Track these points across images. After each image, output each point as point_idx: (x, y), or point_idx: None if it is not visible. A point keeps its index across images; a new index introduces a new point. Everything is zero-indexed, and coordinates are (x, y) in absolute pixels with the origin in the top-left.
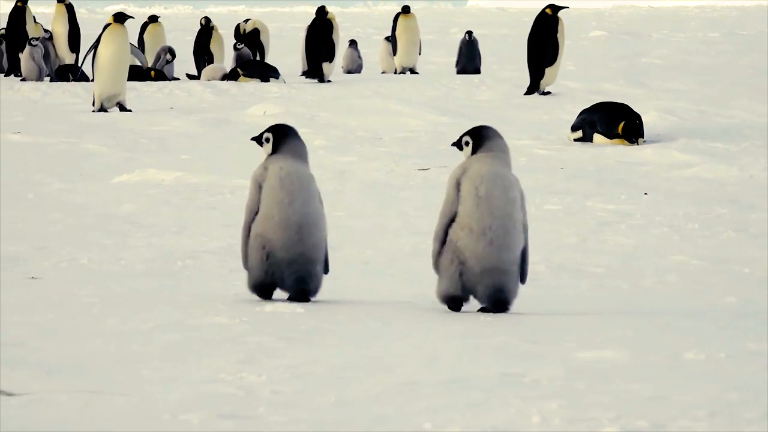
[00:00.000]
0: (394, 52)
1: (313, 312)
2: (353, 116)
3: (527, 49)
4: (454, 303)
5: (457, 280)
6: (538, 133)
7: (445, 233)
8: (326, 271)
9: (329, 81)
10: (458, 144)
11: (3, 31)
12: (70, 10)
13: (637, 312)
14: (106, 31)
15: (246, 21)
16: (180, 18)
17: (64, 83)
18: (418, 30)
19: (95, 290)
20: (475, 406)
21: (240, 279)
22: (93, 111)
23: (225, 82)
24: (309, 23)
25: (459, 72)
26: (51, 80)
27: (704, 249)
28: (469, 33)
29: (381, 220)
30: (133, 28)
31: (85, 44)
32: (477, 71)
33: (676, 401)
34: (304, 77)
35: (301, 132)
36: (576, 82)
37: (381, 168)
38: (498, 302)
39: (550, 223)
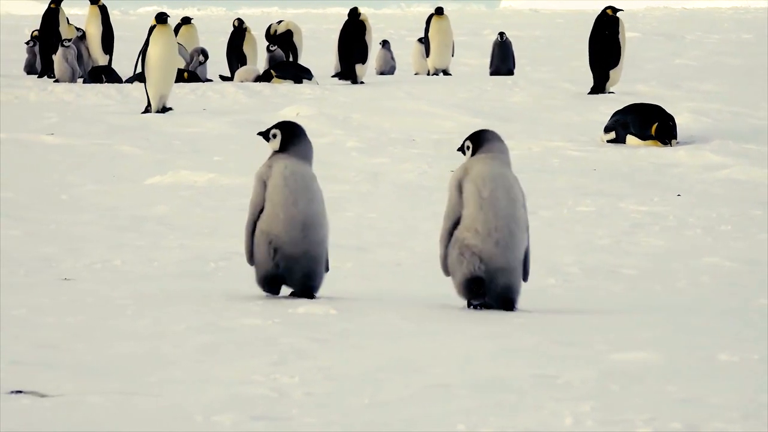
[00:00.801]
0: (427, 54)
1: (346, 313)
2: (386, 118)
3: (589, 50)
4: (476, 287)
5: (475, 266)
6: (571, 135)
7: (450, 236)
8: (326, 269)
9: (362, 82)
10: (462, 149)
11: (36, 33)
12: (104, 12)
13: (671, 314)
14: (153, 32)
15: (279, 22)
16: (213, 19)
17: (98, 84)
18: (451, 31)
19: (128, 292)
20: (508, 408)
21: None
22: (149, 113)
23: (258, 83)
24: (342, 24)
25: (492, 73)
26: (84, 82)
27: (737, 250)
28: (502, 34)
29: (413, 222)
30: None
31: (118, 46)
32: (510, 73)
33: (710, 403)
34: (337, 78)
35: (335, 133)
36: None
37: (413, 169)
38: (506, 301)
39: (583, 225)
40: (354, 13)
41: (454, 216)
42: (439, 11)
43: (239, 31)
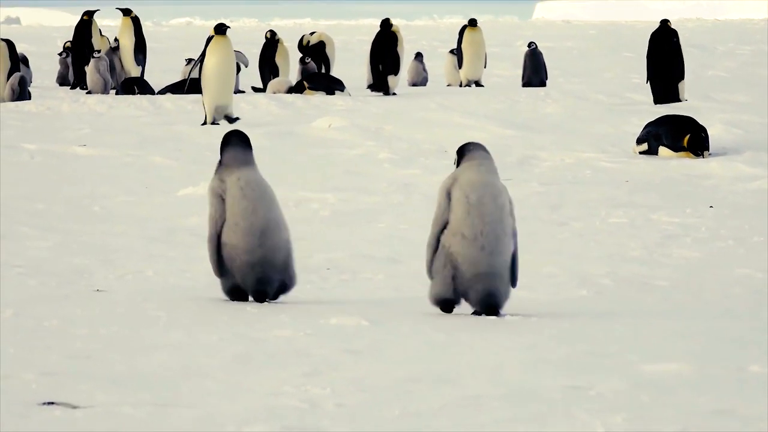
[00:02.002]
0: (460, 65)
1: (377, 325)
2: (418, 129)
3: (649, 62)
4: (446, 306)
5: (450, 283)
6: (603, 146)
7: (437, 241)
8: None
9: (394, 94)
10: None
11: (69, 44)
12: (136, 23)
13: (702, 325)
14: (211, 43)
15: (311, 34)
16: (245, 31)
17: (130, 96)
18: (484, 43)
19: (160, 303)
20: (540, 419)
21: (303, 291)
22: (203, 124)
23: (290, 94)
24: (374, 36)
25: (524, 85)
26: (116, 93)
27: None
28: (532, 44)
29: None
30: (198, 41)
31: (150, 57)
32: (542, 84)
33: (741, 414)
34: (369, 90)
35: (367, 145)
36: (642, 95)
37: None
38: (490, 306)
39: (615, 236)
40: (386, 24)
41: (442, 221)
42: (473, 23)
43: (272, 43)
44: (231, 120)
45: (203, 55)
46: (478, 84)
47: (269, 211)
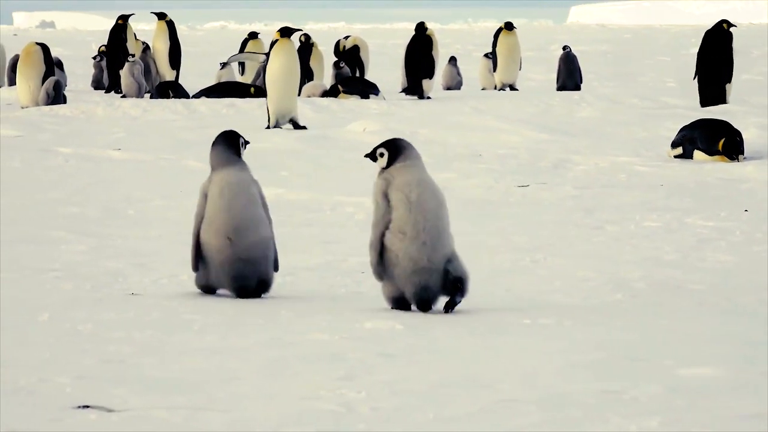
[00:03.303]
0: (494, 69)
1: (412, 329)
2: (452, 133)
3: (699, 64)
4: (402, 304)
5: (396, 282)
6: (638, 150)
7: (381, 242)
8: (275, 268)
9: (429, 98)
10: (372, 156)
11: (104, 48)
12: (171, 27)
13: (737, 329)
14: (275, 46)
15: (346, 38)
16: None
17: (164, 100)
18: (519, 47)
19: (195, 307)
20: (574, 423)
21: (338, 294)
22: (267, 128)
23: (325, 98)
24: (409, 40)
25: (559, 88)
26: (151, 97)
27: None
28: (566, 48)
29: (480, 237)
30: (233, 44)
31: (185, 61)
32: (577, 88)
33: None
34: (403, 94)
35: None
36: (677, 99)
37: (480, 185)
38: (424, 300)
39: (649, 240)
40: (421, 28)
41: (384, 223)
42: (509, 26)
43: (306, 47)
44: (297, 126)
45: (267, 58)
46: (512, 88)
47: (243, 210)
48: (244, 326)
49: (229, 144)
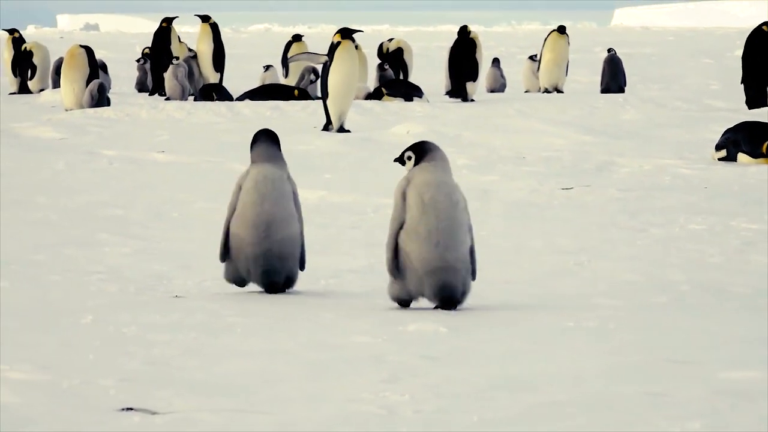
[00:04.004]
0: (539, 70)
1: (455, 331)
2: (496, 135)
3: (744, 66)
4: (404, 303)
5: (406, 282)
6: (681, 153)
7: (396, 241)
8: (302, 267)
9: (473, 100)
10: (401, 159)
11: (147, 51)
12: (215, 30)
13: None
14: (338, 49)
15: (390, 40)
16: (323, 37)
17: (208, 102)
18: (567, 50)
19: (238, 309)
20: (617, 426)
21: (381, 297)
22: (329, 131)
23: (369, 101)
24: (452, 42)
25: (603, 91)
26: (195, 99)
27: None
28: (611, 50)
29: (523, 240)
30: (277, 47)
31: (229, 64)
32: (621, 90)
33: None
34: (447, 96)
35: (445, 151)
36: (721, 101)
37: (524, 187)
38: (445, 298)
39: (694, 243)
40: (464, 30)
41: (399, 221)
42: (561, 30)
43: None
44: (341, 129)
45: (330, 60)
46: (558, 90)
47: (275, 206)
48: (287, 329)
49: (271, 140)
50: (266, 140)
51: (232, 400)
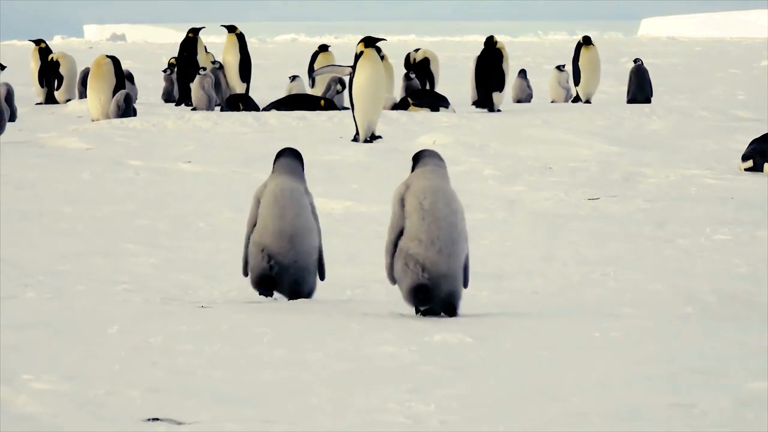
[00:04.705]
0: (576, 82)
1: (482, 341)
2: (523, 146)
3: None
4: (422, 294)
5: (419, 274)
6: (708, 163)
7: (395, 247)
8: (322, 277)
9: (499, 110)
10: None
11: (174, 61)
12: (241, 40)
13: None
14: (362, 58)
15: (417, 50)
16: (350, 47)
17: (235, 113)
18: (599, 60)
19: (265, 319)
20: None
21: (407, 307)
22: (357, 141)
23: (395, 111)
24: (479, 53)
25: (629, 101)
26: (221, 109)
27: None
28: (637, 61)
29: (550, 250)
30: (304, 57)
31: (255, 74)
32: (647, 101)
33: None
34: (474, 106)
35: (471, 161)
36: (747, 111)
37: (550, 198)
38: (449, 306)
39: (720, 253)
40: (491, 41)
41: (398, 228)
42: (587, 41)
43: None
44: (373, 137)
45: (353, 70)
46: (587, 101)
47: (297, 218)
48: (313, 339)
49: (294, 156)
50: (289, 156)
51: (257, 411)
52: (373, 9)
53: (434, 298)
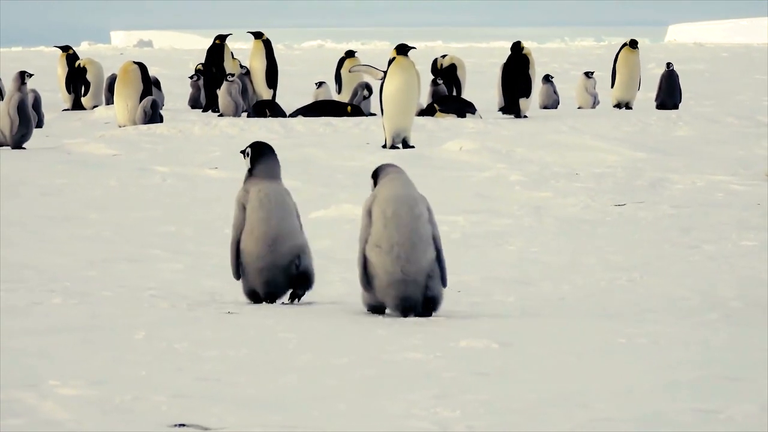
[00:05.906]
0: (612, 85)
1: (507, 347)
2: (549, 151)
3: None
4: (377, 310)
5: (374, 292)
6: (734, 169)
7: (364, 255)
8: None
9: (525, 116)
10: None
11: (201, 67)
12: (268, 46)
13: None
14: (393, 64)
15: (443, 56)
16: (377, 53)
17: (261, 119)
18: (640, 65)
19: (290, 325)
20: None
21: (435, 314)
22: (384, 147)
23: (421, 117)
24: (505, 59)
25: (658, 106)
26: (248, 116)
27: None
28: (669, 65)
29: (576, 256)
30: (330, 63)
31: (282, 80)
32: (675, 107)
33: None
34: (500, 113)
35: (498, 167)
36: None
37: (577, 203)
38: (405, 310)
39: (746, 259)
40: (517, 47)
41: (366, 236)
42: (633, 44)
43: None
44: (406, 145)
45: (384, 76)
46: (628, 106)
47: (282, 221)
48: (339, 345)
49: (272, 157)
50: (268, 157)
51: (283, 416)
52: (399, 15)
53: (389, 301)
